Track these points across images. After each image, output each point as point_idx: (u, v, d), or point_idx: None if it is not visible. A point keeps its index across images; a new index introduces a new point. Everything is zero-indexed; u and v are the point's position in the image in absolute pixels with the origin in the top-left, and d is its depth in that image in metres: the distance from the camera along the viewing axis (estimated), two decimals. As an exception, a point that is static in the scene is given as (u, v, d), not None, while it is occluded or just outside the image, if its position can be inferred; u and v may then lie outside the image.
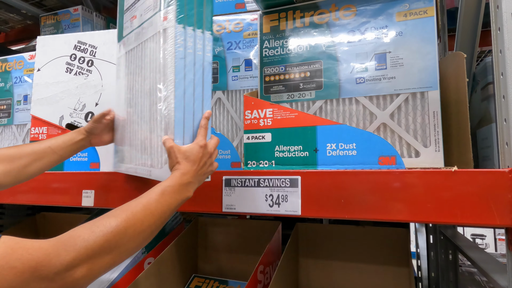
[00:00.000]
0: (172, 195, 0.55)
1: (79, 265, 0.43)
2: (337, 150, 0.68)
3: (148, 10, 0.68)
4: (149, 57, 0.67)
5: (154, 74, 0.65)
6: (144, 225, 0.50)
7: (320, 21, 0.78)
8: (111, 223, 0.47)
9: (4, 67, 1.16)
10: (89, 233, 0.45)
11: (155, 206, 0.52)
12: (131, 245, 0.49)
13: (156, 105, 0.63)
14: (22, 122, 1.12)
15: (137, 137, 0.72)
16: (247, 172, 0.71)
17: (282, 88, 0.80)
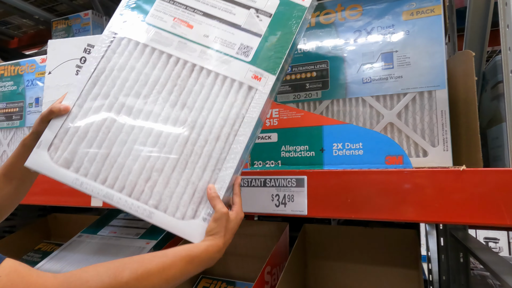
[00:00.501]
0: (197, 267, 0.50)
1: None
2: (343, 149, 0.67)
3: (224, 44, 0.62)
4: (208, 92, 0.61)
5: (212, 115, 0.59)
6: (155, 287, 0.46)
7: (326, 21, 0.78)
8: (123, 277, 0.44)
9: (17, 71, 1.19)
10: (97, 281, 0.42)
11: (174, 273, 0.48)
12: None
13: (204, 146, 0.57)
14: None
15: (136, 160, 0.58)
16: (254, 172, 0.71)
17: (289, 89, 0.80)
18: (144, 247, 1.10)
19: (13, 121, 1.18)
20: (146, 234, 1.17)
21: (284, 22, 0.62)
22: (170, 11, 0.66)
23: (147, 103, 0.61)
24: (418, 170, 0.58)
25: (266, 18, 0.63)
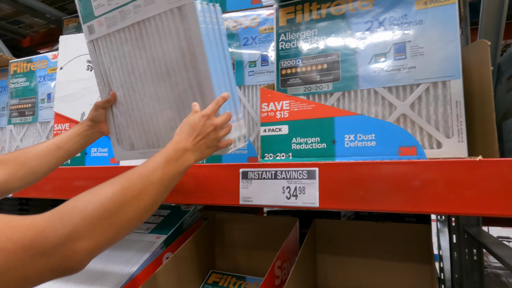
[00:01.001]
0: (170, 162, 0.53)
1: (80, 237, 0.40)
2: (355, 141, 0.66)
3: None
4: (158, 36, 0.66)
5: (172, 53, 0.65)
6: (144, 193, 0.48)
7: (337, 12, 0.78)
8: (108, 192, 0.44)
9: (29, 67, 1.20)
10: (85, 203, 0.42)
11: (153, 174, 0.50)
12: (131, 213, 0.46)
13: (185, 83, 0.66)
14: (46, 120, 1.15)
15: (157, 119, 0.72)
16: (264, 165, 0.71)
17: (299, 81, 0.79)
18: (154, 242, 1.11)
19: (26, 116, 1.19)
20: (156, 229, 1.18)
21: None
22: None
23: (136, 77, 0.73)
24: (433, 161, 0.57)
25: None
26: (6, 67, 1.31)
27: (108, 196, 0.44)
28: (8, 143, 1.22)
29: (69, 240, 0.39)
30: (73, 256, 0.40)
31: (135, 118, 0.75)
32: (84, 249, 0.41)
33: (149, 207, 0.49)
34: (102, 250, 0.43)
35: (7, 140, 1.24)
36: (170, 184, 0.53)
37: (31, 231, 0.38)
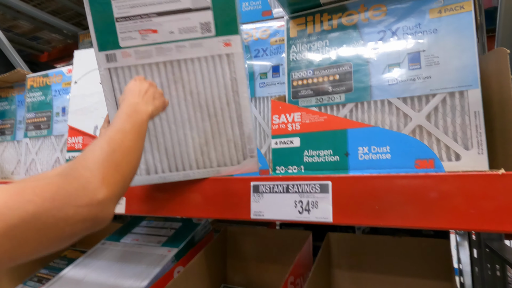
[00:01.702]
0: (131, 115, 0.59)
1: (97, 187, 0.44)
2: (369, 153, 0.65)
3: (188, 31, 0.72)
4: (200, 74, 0.74)
5: (214, 90, 0.74)
6: (124, 142, 0.53)
7: (348, 22, 0.77)
8: (96, 149, 0.49)
9: (45, 82, 1.23)
10: (84, 161, 0.47)
11: (124, 126, 0.56)
12: (125, 158, 0.52)
13: (225, 114, 0.75)
14: (60, 133, 1.17)
15: (187, 145, 0.77)
16: (276, 178, 0.69)
17: (311, 92, 0.78)
18: (165, 255, 1.10)
19: (41, 130, 1.22)
20: (167, 242, 1.17)
21: None
22: (132, 27, 0.73)
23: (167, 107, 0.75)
24: (452, 175, 0.55)
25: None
26: (23, 81, 1.35)
27: (99, 151, 0.49)
28: (24, 156, 1.25)
29: (88, 191, 0.43)
30: (97, 205, 0.43)
31: (159, 143, 0.78)
32: (103, 196, 0.44)
33: (135, 151, 0.55)
34: (119, 196, 0.48)
35: (23, 153, 1.26)
36: (141, 131, 0.59)
37: (51, 186, 0.41)
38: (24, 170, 1.24)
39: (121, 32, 0.73)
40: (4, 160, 1.34)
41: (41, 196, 0.39)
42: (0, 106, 1.41)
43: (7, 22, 2.25)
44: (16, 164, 1.31)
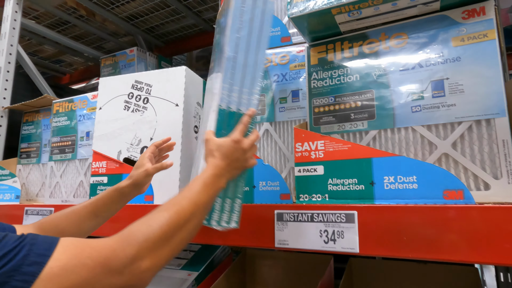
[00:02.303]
0: (210, 187, 0.58)
1: (143, 257, 0.46)
2: (395, 183, 0.64)
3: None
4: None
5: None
6: (193, 215, 0.53)
7: (369, 50, 0.77)
8: (165, 216, 0.50)
9: (70, 107, 1.27)
10: (147, 227, 0.48)
11: (198, 197, 0.56)
12: (184, 235, 0.52)
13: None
14: (84, 157, 1.20)
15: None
16: (300, 206, 0.69)
17: (332, 119, 0.79)
18: (186, 279, 1.10)
19: (66, 154, 1.25)
20: (187, 265, 1.17)
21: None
22: None
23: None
24: (483, 207, 0.54)
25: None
26: (49, 106, 1.39)
27: (165, 221, 0.50)
28: (49, 179, 1.28)
29: (134, 260, 0.45)
30: (138, 274, 0.45)
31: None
32: (147, 267, 0.46)
33: (196, 227, 0.55)
34: (160, 268, 0.49)
35: (48, 176, 1.29)
36: (210, 205, 0.59)
37: (105, 250, 0.44)
38: (48, 192, 1.27)
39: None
40: (30, 183, 1.38)
41: (95, 260, 0.43)
42: (27, 130, 1.46)
43: (33, 47, 2.35)
44: (40, 186, 1.35)
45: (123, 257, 0.44)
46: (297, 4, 0.76)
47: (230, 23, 0.65)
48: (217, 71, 0.71)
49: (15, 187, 1.33)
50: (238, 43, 0.66)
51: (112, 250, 0.44)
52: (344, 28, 0.81)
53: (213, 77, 0.75)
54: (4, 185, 1.36)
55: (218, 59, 0.72)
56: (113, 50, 2.38)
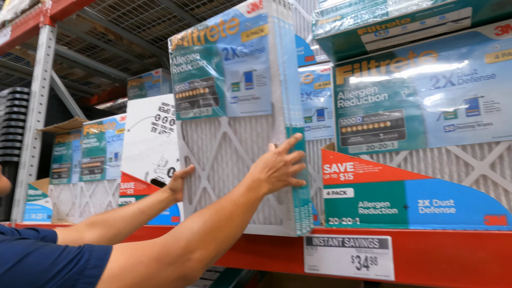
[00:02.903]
0: (250, 190, 0.62)
1: (192, 250, 0.50)
2: (431, 207, 0.61)
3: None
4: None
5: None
6: (233, 214, 0.57)
7: (398, 69, 0.76)
8: (206, 214, 0.55)
9: (100, 129, 1.31)
10: (191, 224, 0.53)
11: (238, 198, 0.60)
12: (228, 230, 0.56)
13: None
14: (113, 178, 1.23)
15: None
16: (330, 230, 0.67)
17: (361, 139, 0.77)
18: (212, 301, 1.08)
19: (95, 174, 1.28)
20: (213, 286, 1.16)
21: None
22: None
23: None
24: (530, 234, 0.51)
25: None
26: (80, 128, 1.45)
27: (207, 217, 0.54)
28: (79, 199, 1.31)
29: (185, 252, 0.49)
30: (190, 265, 0.49)
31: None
32: (197, 259, 0.50)
33: (239, 226, 0.58)
34: (211, 262, 0.52)
35: (78, 196, 1.33)
36: (252, 208, 0.62)
37: (157, 246, 0.48)
38: (78, 212, 1.30)
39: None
40: (61, 202, 1.42)
41: (149, 256, 0.47)
42: (58, 151, 1.51)
43: (64, 71, 2.47)
44: (71, 206, 1.39)
45: (174, 251, 0.48)
46: (322, 25, 0.76)
47: (274, 49, 0.69)
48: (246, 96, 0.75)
49: (47, 207, 1.38)
50: (285, 67, 0.70)
51: (163, 246, 0.48)
52: (370, 47, 0.80)
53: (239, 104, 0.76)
54: (37, 205, 1.40)
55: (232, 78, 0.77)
56: (139, 71, 2.46)
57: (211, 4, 1.76)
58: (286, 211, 0.69)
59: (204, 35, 0.80)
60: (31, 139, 1.51)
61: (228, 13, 0.76)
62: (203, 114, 0.82)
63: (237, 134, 0.77)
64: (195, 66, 0.82)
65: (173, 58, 0.87)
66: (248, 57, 0.73)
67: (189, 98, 0.84)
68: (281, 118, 0.69)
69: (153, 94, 1.90)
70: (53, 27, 1.66)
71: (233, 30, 0.75)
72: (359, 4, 0.73)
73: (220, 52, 0.78)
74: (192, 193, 0.85)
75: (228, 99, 0.77)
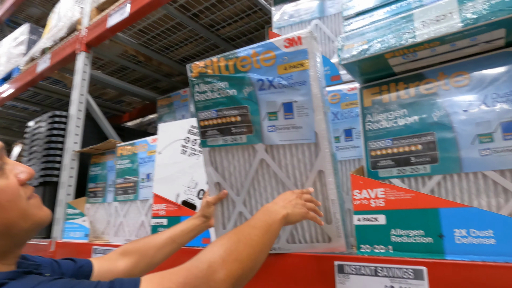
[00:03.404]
0: (266, 214, 0.66)
1: (216, 270, 0.51)
2: (468, 237, 0.59)
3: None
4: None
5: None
6: (252, 234, 0.60)
7: (427, 91, 0.74)
8: (225, 237, 0.58)
9: (132, 150, 1.36)
10: (212, 247, 0.55)
11: (255, 222, 0.64)
12: (247, 250, 0.57)
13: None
14: (145, 198, 1.27)
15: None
16: (362, 258, 0.66)
17: (391, 163, 0.76)
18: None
19: (128, 194, 1.33)
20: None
21: None
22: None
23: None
24: None
25: None
26: (114, 149, 1.51)
27: (226, 239, 0.57)
28: (114, 218, 1.37)
29: (208, 273, 0.51)
30: (216, 286, 0.50)
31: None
32: (221, 279, 0.51)
33: (259, 246, 0.60)
34: (238, 282, 0.54)
35: (113, 215, 1.38)
36: (270, 229, 0.64)
37: (182, 271, 0.51)
38: (113, 231, 1.35)
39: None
40: (96, 220, 1.48)
41: (176, 282, 0.49)
42: (94, 171, 1.58)
43: (97, 91, 2.59)
44: (106, 224, 1.44)
45: (199, 274, 0.50)
46: (348, 50, 0.76)
47: (316, 82, 0.75)
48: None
49: (85, 225, 1.44)
50: (325, 98, 0.77)
51: (188, 270, 0.51)
52: (398, 69, 0.79)
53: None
54: (76, 224, 1.47)
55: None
56: (167, 88, 2.54)
57: (236, 24, 1.80)
58: (336, 229, 0.76)
59: (234, 64, 0.82)
60: (69, 160, 1.60)
61: (261, 45, 0.79)
62: (236, 142, 0.84)
63: (276, 160, 0.81)
64: (223, 94, 0.84)
65: (195, 85, 0.88)
66: (286, 89, 0.78)
67: (217, 126, 0.86)
68: (326, 147, 0.76)
69: (182, 112, 1.95)
70: (88, 53, 1.75)
71: (269, 62, 0.79)
72: (385, 28, 0.73)
73: (253, 82, 0.81)
74: (225, 218, 0.87)
75: (265, 127, 0.81)
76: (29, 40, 2.43)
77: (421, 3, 0.73)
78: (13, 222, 0.52)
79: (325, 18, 1.14)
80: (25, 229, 0.53)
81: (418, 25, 0.69)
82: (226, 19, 1.76)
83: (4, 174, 0.53)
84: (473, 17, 0.62)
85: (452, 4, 0.65)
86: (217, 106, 0.85)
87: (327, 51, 1.14)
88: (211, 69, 0.85)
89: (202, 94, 0.87)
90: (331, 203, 0.77)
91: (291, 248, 0.80)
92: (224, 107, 0.84)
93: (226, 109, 0.84)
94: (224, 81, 0.84)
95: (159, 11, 1.65)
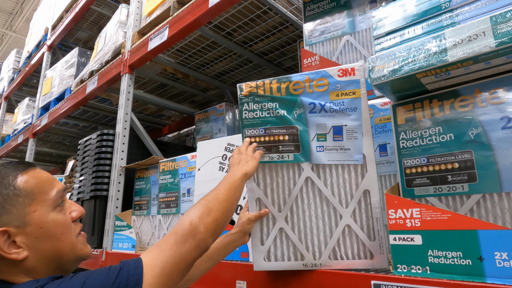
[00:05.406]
0: (226, 179, 0.80)
1: (196, 225, 0.65)
2: (510, 260, 0.58)
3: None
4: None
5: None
6: (218, 195, 0.75)
7: (463, 108, 0.74)
8: (196, 203, 0.72)
9: (173, 166, 1.45)
10: (187, 213, 0.69)
11: (218, 186, 0.78)
12: (216, 207, 0.71)
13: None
14: (186, 212, 1.34)
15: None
16: (399, 279, 0.67)
17: (427, 181, 0.76)
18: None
19: (170, 208, 1.41)
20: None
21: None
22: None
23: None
24: None
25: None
26: (157, 164, 1.60)
27: (199, 203, 0.72)
28: (158, 230, 1.45)
29: (191, 229, 0.64)
30: (200, 237, 0.64)
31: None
32: (202, 231, 0.65)
33: (224, 201, 0.74)
34: (213, 233, 0.68)
35: (157, 227, 1.47)
36: (233, 187, 0.78)
37: (171, 236, 0.63)
38: (157, 243, 1.43)
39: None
40: (142, 232, 1.58)
41: (169, 243, 0.62)
42: (139, 185, 1.69)
43: (140, 107, 2.75)
44: (151, 235, 1.53)
45: (184, 232, 0.63)
46: (379, 70, 0.77)
47: (367, 110, 0.86)
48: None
49: (132, 237, 1.54)
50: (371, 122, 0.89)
51: (175, 233, 0.64)
52: (432, 87, 0.79)
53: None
54: (123, 235, 1.58)
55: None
56: (203, 102, 2.64)
57: (268, 40, 1.85)
58: (378, 246, 0.81)
59: (287, 87, 0.89)
60: (116, 175, 1.72)
61: (316, 73, 0.87)
62: (283, 160, 0.88)
63: (321, 178, 0.87)
64: (273, 114, 0.89)
65: (244, 103, 0.92)
66: (337, 113, 0.86)
67: (264, 143, 0.90)
68: (373, 168, 0.84)
69: (218, 126, 2.02)
70: (132, 74, 1.88)
71: (322, 88, 0.87)
72: (416, 48, 0.73)
73: (304, 105, 0.88)
74: (264, 234, 0.90)
75: (314, 147, 0.87)
76: (78, 62, 2.64)
77: (453, 21, 0.73)
78: (63, 252, 0.63)
79: (356, 33, 1.15)
80: (70, 260, 0.65)
81: (450, 44, 0.69)
82: (258, 35, 1.81)
83: (63, 211, 0.65)
84: (508, 37, 0.61)
85: (485, 23, 0.65)
86: (266, 125, 0.90)
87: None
88: (262, 89, 0.90)
89: (251, 112, 0.92)
90: (376, 221, 0.82)
91: (332, 264, 0.82)
92: (273, 125, 0.89)
93: (274, 128, 0.89)
94: (275, 102, 0.90)
95: (195, 32, 1.74)
